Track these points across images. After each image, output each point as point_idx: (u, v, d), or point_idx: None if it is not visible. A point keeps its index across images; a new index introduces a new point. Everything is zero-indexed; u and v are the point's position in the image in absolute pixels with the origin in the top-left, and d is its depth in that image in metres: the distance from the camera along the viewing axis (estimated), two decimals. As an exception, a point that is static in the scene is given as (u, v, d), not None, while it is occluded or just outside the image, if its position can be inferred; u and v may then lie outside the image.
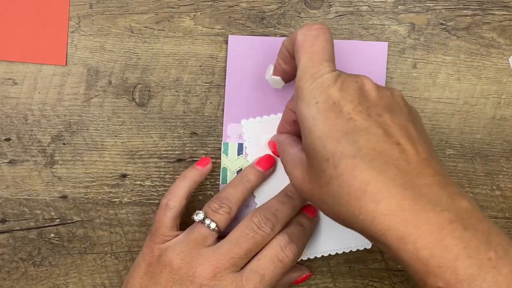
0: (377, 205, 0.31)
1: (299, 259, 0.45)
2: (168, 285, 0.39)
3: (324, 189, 0.33)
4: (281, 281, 0.42)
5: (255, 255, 0.40)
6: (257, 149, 0.45)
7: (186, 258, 0.39)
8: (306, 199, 0.41)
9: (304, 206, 0.44)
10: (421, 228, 0.30)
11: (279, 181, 0.45)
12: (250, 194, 0.44)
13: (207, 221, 0.40)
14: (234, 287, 0.38)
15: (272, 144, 0.44)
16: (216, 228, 0.40)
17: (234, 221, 0.42)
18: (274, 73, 0.41)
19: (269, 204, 0.42)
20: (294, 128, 0.42)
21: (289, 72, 0.41)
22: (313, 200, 0.36)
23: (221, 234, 0.41)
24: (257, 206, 0.44)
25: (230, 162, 0.45)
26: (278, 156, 0.42)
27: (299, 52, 0.36)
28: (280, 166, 0.45)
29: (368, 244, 0.45)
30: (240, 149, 0.45)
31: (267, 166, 0.44)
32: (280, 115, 0.45)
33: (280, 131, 0.43)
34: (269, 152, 0.45)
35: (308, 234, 0.43)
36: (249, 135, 0.45)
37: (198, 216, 0.40)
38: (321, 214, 0.45)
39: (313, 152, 0.34)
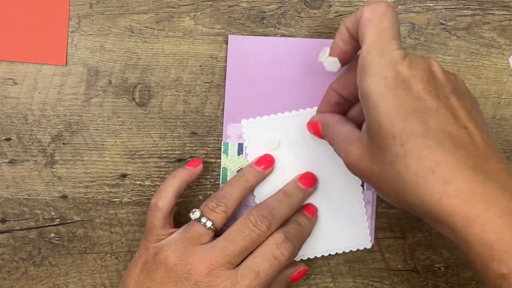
0: (446, 186, 0.31)
1: (299, 259, 0.45)
2: (163, 282, 0.39)
3: (387, 167, 0.33)
4: (277, 279, 0.42)
5: (251, 252, 0.40)
6: (257, 149, 0.45)
7: (181, 255, 0.39)
8: (362, 178, 0.39)
9: (304, 205, 0.44)
10: (489, 212, 0.30)
11: (278, 180, 0.45)
12: (248, 193, 0.44)
13: (203, 220, 0.40)
14: (229, 284, 0.38)
15: (313, 124, 0.42)
16: (212, 227, 0.40)
17: (232, 219, 0.42)
18: (331, 54, 0.40)
19: (266, 202, 0.42)
20: (336, 110, 0.41)
21: (348, 53, 0.39)
22: (372, 179, 0.35)
23: (218, 233, 0.41)
24: (257, 206, 0.44)
25: (230, 162, 0.45)
26: (321, 137, 0.41)
27: (366, 27, 0.35)
28: (279, 166, 0.45)
29: (368, 244, 0.45)
30: (240, 149, 0.45)
31: (266, 165, 0.44)
32: (280, 115, 0.45)
33: (321, 112, 0.42)
34: (269, 152, 0.45)
35: (305, 234, 0.43)
36: (249, 135, 0.45)
37: (195, 214, 0.41)
38: (321, 214, 0.45)
39: (378, 128, 0.33)
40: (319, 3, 0.45)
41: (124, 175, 0.46)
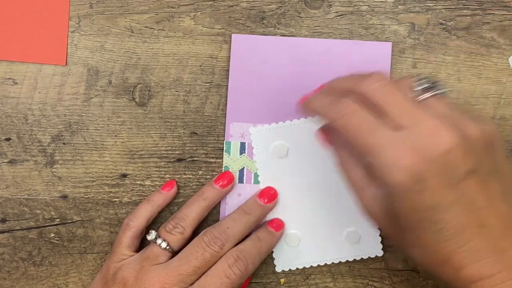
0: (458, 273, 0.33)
1: (323, 263, 0.45)
2: None
3: (406, 236, 0.34)
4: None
5: (206, 271, 0.41)
6: (265, 156, 0.45)
7: (137, 275, 0.40)
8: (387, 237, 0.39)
9: (270, 219, 0.45)
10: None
11: (289, 189, 0.45)
12: (207, 212, 0.44)
13: (159, 241, 0.42)
14: None
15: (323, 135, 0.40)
16: (168, 248, 0.41)
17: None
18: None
19: (222, 221, 0.43)
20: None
21: None
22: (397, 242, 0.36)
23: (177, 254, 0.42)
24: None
25: (232, 161, 0.45)
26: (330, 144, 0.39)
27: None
28: (288, 174, 0.45)
29: (379, 252, 0.45)
30: (243, 148, 0.45)
31: (226, 183, 0.44)
32: (289, 122, 0.45)
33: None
34: (277, 157, 0.45)
35: (264, 249, 0.43)
36: (257, 142, 0.45)
37: (151, 235, 0.42)
38: (332, 223, 0.45)
39: (396, 221, 0.34)
40: (319, 3, 0.45)
41: (124, 175, 0.46)
